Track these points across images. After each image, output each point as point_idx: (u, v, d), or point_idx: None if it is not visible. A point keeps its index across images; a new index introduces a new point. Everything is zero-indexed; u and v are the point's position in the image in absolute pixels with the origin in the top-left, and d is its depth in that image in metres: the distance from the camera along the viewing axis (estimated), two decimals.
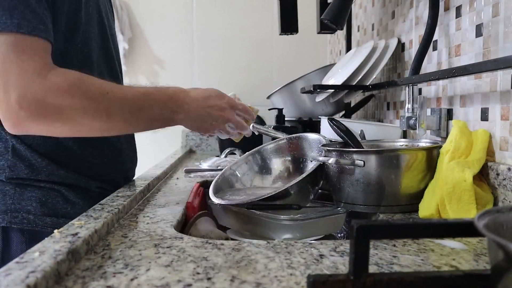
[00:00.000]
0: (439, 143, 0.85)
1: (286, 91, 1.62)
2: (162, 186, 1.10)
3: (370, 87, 1.23)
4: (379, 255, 0.54)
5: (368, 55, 1.24)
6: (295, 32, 1.60)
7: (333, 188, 0.85)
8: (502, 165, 0.72)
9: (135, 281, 0.46)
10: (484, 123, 0.80)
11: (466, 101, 0.87)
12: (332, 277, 0.41)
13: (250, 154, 1.09)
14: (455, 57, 0.92)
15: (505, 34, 0.75)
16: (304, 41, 2.23)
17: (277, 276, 0.47)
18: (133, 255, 0.54)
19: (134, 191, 0.87)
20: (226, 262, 0.52)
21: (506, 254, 0.32)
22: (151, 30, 2.29)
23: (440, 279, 0.41)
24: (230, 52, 2.32)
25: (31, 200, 0.78)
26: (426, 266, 0.50)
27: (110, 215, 0.67)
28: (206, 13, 2.31)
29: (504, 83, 0.75)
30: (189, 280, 0.46)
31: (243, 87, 2.31)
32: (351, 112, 1.53)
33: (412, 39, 1.18)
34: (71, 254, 0.50)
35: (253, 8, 2.31)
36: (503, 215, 0.39)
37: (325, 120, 1.07)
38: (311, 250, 0.56)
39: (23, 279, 0.41)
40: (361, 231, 0.39)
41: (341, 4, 1.12)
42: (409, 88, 0.94)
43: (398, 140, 0.99)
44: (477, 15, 0.84)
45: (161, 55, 2.31)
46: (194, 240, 0.61)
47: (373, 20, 1.52)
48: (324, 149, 0.87)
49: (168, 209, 0.81)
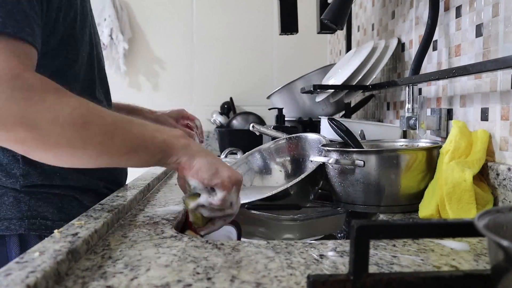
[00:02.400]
0: (439, 143, 0.85)
1: (286, 91, 1.62)
2: (162, 186, 1.10)
3: (370, 87, 1.23)
4: (379, 255, 0.54)
5: (368, 55, 1.24)
6: (295, 32, 1.60)
7: (333, 188, 0.85)
8: (502, 165, 0.72)
9: (135, 281, 0.46)
10: (484, 123, 0.80)
11: (466, 101, 0.87)
12: (332, 277, 0.41)
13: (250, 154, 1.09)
14: (455, 57, 0.92)
15: (505, 34, 0.75)
16: (304, 41, 2.23)
17: (277, 276, 0.47)
18: (133, 255, 0.54)
19: (134, 191, 0.87)
20: (226, 262, 0.52)
21: (506, 254, 0.32)
22: (151, 30, 2.29)
23: (440, 279, 0.41)
24: (230, 52, 2.32)
25: (48, 206, 0.78)
26: (426, 266, 0.50)
27: (110, 215, 0.67)
28: (206, 13, 2.31)
29: (504, 83, 0.75)
30: (189, 280, 0.46)
31: (243, 87, 2.31)
32: (351, 112, 1.53)
33: (412, 39, 1.18)
34: (71, 254, 0.50)
35: (253, 8, 2.31)
36: (503, 215, 0.39)
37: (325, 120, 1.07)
38: (311, 250, 0.56)
39: (23, 279, 0.41)
40: (361, 231, 0.39)
41: (341, 4, 1.12)
42: (409, 88, 0.94)
43: (398, 140, 0.99)
44: (477, 15, 0.84)
45: (161, 55, 2.31)
46: (194, 240, 0.61)
47: (373, 20, 1.52)
48: (324, 149, 0.87)
49: (168, 209, 0.81)
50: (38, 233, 0.76)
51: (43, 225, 0.76)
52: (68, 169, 0.77)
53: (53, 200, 0.78)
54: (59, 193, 0.79)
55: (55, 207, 0.78)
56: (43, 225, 0.76)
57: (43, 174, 0.77)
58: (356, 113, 1.59)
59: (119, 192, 0.87)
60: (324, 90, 1.31)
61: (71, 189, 0.80)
